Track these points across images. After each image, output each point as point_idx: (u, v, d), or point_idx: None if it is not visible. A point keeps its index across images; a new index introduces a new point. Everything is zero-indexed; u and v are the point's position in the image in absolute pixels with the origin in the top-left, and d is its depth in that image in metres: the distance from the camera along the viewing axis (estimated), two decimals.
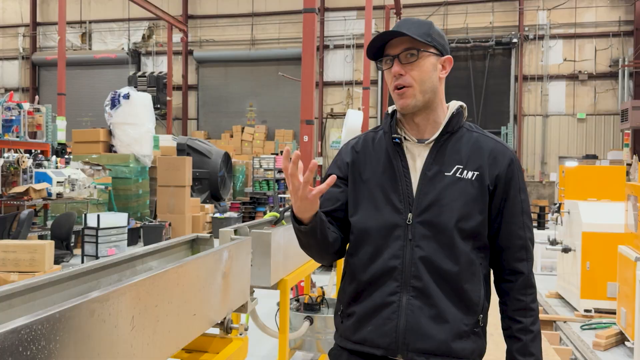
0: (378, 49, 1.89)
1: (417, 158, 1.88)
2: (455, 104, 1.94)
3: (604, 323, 6.27)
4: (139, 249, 2.59)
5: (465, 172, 1.84)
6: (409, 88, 1.83)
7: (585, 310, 6.67)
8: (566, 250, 7.14)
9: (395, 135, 1.90)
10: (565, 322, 6.57)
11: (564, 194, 7.82)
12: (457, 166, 1.84)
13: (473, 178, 1.84)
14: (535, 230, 10.29)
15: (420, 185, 1.84)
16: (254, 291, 3.38)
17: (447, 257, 1.80)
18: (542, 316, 6.77)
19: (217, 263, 2.52)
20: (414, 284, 1.79)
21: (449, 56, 1.91)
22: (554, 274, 8.87)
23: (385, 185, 1.87)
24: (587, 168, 8.64)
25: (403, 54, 1.83)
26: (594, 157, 18.29)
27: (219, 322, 2.67)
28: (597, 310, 6.65)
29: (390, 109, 2.01)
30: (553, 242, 7.56)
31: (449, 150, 1.87)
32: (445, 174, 1.84)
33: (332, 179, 1.66)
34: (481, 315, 1.86)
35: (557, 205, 7.96)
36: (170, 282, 2.03)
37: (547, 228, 13.21)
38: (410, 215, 1.82)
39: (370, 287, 1.85)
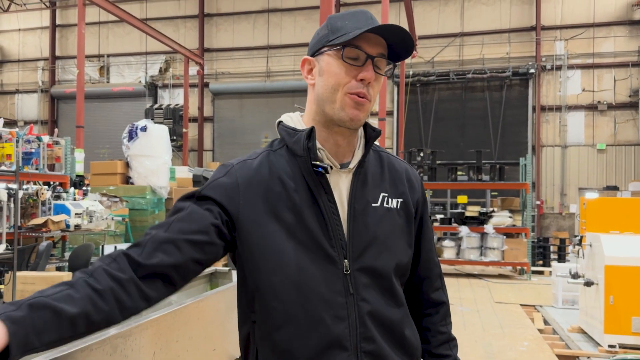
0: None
1: (341, 188, 1.53)
2: None
3: (629, 359, 6.11)
4: None
5: (391, 200, 1.57)
6: (368, 102, 1.50)
7: (610, 346, 6.51)
8: (588, 283, 7.01)
9: (318, 163, 1.49)
10: (588, 357, 6.43)
11: (585, 227, 7.72)
12: (382, 194, 1.57)
13: (398, 207, 1.58)
14: (555, 263, 10.15)
15: (350, 222, 1.50)
16: None
17: (391, 304, 1.53)
18: (565, 351, 6.64)
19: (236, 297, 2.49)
20: (365, 348, 1.47)
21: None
22: (575, 308, 8.71)
23: (312, 230, 1.47)
24: (608, 200, 8.54)
25: (376, 59, 1.50)
26: (615, 188, 18.09)
27: (238, 357, 2.63)
28: (622, 346, 6.50)
29: (292, 121, 1.66)
30: (575, 276, 7.42)
31: (370, 176, 1.57)
32: (373, 205, 1.54)
33: None
34: None
35: (579, 237, 7.85)
36: (191, 317, 1.99)
37: (568, 261, 13.03)
38: (346, 262, 1.48)
39: None
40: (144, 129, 12.87)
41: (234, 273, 3.28)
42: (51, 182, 10.87)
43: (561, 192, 20.26)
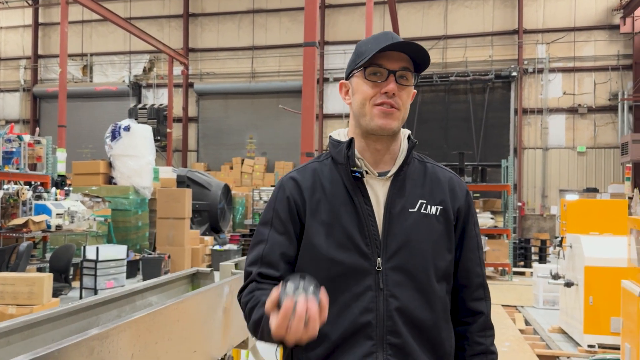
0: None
1: (378, 193, 1.68)
2: (405, 132, 1.78)
3: (608, 359, 6.17)
4: (139, 284, 2.56)
5: (430, 207, 1.68)
6: (397, 111, 1.66)
7: (589, 346, 6.58)
8: (569, 284, 7.08)
9: (356, 168, 1.67)
10: (568, 357, 6.49)
11: (565, 228, 7.78)
12: (420, 201, 1.68)
13: (437, 213, 1.69)
14: (536, 264, 10.24)
15: (386, 224, 1.64)
16: None
17: (424, 306, 1.62)
18: (545, 351, 6.69)
19: (218, 298, 2.49)
20: (391, 341, 1.58)
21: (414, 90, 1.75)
22: (556, 309, 8.78)
23: (348, 227, 1.63)
24: (588, 202, 8.61)
25: (399, 73, 1.66)
26: (595, 190, 18.28)
27: (220, 358, 2.62)
28: (601, 346, 6.56)
29: (339, 135, 1.79)
30: (555, 277, 7.49)
31: (409, 184, 1.70)
32: (410, 210, 1.66)
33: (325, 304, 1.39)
34: None
35: (559, 239, 7.91)
36: (171, 318, 1.99)
37: (549, 262, 13.13)
38: (379, 260, 1.61)
39: (340, 349, 1.59)
40: (127, 128, 12.80)
41: (217, 274, 3.27)
42: (32, 182, 10.78)
43: (542, 194, 20.44)
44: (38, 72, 25.56)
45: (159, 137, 21.44)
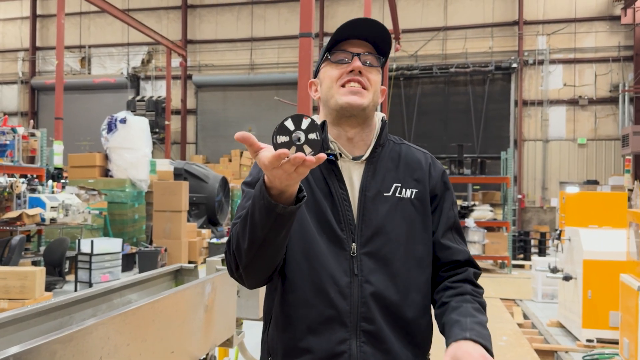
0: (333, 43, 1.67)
1: (353, 177, 1.65)
2: (378, 115, 1.74)
3: (607, 354, 6.11)
4: (117, 281, 2.47)
5: (404, 190, 1.66)
6: (366, 90, 1.63)
7: (587, 340, 6.52)
8: (567, 278, 7.01)
9: (329, 151, 1.64)
10: (567, 352, 6.43)
11: (564, 221, 7.71)
12: (395, 184, 1.65)
13: (413, 196, 1.66)
14: (535, 257, 10.18)
15: (360, 209, 1.61)
16: (242, 323, 3.26)
17: (399, 292, 1.58)
18: (543, 346, 6.63)
19: (198, 296, 2.41)
20: (364, 328, 1.54)
21: (384, 87, 1.74)
22: (555, 302, 8.72)
23: (323, 211, 1.60)
24: (588, 194, 8.53)
25: (364, 57, 1.64)
26: (595, 182, 18.19)
27: (202, 358, 2.54)
28: (600, 340, 6.51)
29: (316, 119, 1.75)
30: (554, 270, 7.42)
31: (383, 167, 1.67)
32: (385, 194, 1.63)
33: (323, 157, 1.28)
34: (430, 354, 1.69)
35: (558, 232, 7.84)
36: (145, 318, 1.90)
37: (549, 255, 13.07)
38: (354, 245, 1.58)
39: (312, 335, 1.55)
40: (123, 120, 12.73)
41: (202, 270, 3.19)
42: (28, 175, 10.71)
43: (542, 186, 20.35)
44: (36, 64, 25.44)
45: (157, 130, 21.35)
